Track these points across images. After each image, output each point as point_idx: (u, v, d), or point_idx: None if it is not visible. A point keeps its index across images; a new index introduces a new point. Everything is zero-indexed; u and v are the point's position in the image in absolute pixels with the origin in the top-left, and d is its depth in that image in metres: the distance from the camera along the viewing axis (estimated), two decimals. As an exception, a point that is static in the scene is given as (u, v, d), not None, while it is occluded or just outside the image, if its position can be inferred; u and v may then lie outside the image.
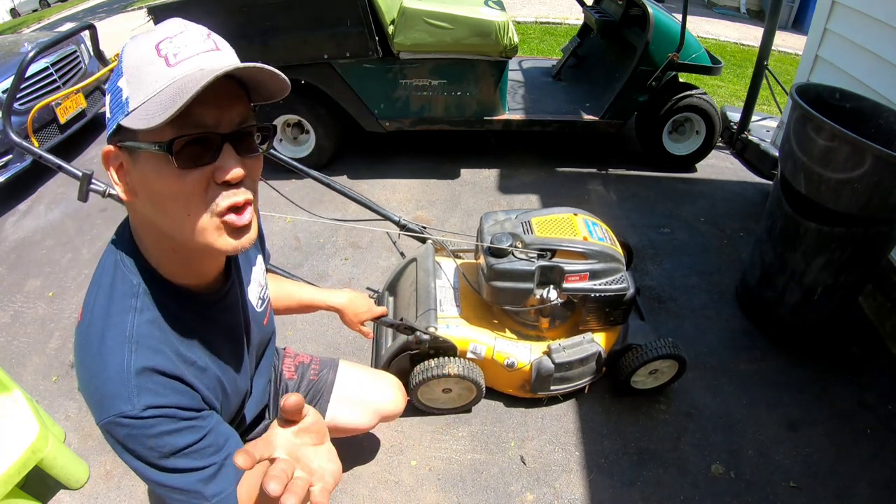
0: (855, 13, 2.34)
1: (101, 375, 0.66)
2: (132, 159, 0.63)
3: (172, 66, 0.60)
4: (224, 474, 0.72)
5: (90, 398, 0.67)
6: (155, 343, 0.68)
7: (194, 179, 0.62)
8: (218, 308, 0.80)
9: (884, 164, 1.49)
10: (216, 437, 0.72)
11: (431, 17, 2.52)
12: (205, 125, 0.61)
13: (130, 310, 0.68)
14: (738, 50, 5.65)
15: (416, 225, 1.82)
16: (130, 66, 0.61)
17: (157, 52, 0.60)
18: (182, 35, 0.62)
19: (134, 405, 0.64)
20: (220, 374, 0.80)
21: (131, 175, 0.64)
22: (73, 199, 3.00)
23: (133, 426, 0.65)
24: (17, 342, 2.12)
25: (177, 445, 0.67)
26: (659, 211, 2.79)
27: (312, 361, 1.35)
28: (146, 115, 0.58)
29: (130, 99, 0.60)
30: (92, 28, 1.77)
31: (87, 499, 1.57)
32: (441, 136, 3.29)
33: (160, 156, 0.60)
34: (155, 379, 0.67)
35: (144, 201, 0.65)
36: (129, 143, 0.62)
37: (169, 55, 0.60)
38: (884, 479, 1.60)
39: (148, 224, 0.69)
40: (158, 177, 0.62)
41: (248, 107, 0.67)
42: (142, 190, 0.64)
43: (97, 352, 0.67)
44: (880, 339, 2.07)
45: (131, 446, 0.66)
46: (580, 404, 1.80)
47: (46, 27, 8.08)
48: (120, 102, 0.62)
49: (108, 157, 0.65)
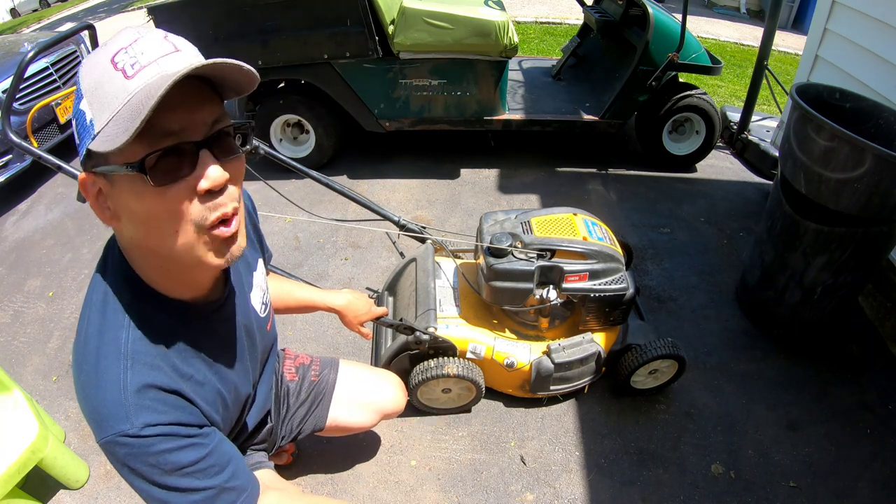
0: (855, 13, 2.34)
1: (99, 395, 0.64)
2: (109, 183, 0.60)
3: (131, 77, 0.56)
4: (225, 497, 0.71)
5: (89, 418, 0.66)
6: (150, 359, 0.67)
7: (175, 195, 0.58)
8: (216, 318, 0.79)
9: (884, 164, 1.49)
10: (219, 457, 0.72)
11: (431, 16, 2.52)
12: (175, 134, 0.58)
13: (123, 326, 0.66)
14: (738, 50, 5.65)
15: (415, 225, 1.82)
16: (89, 86, 0.58)
17: (113, 67, 0.56)
18: (137, 43, 0.58)
19: (133, 424, 0.63)
20: (221, 387, 0.78)
21: (111, 199, 0.61)
22: (73, 199, 3.00)
23: (133, 445, 0.63)
24: (17, 342, 2.12)
25: (179, 463, 0.66)
26: (659, 211, 2.79)
27: (313, 362, 1.35)
28: (111, 136, 0.54)
29: (95, 121, 0.57)
30: (91, 28, 1.77)
31: (87, 499, 1.57)
32: (441, 136, 3.29)
33: (135, 176, 0.57)
34: (153, 395, 0.65)
35: (128, 225, 0.63)
36: (101, 168, 0.58)
37: (126, 67, 0.56)
38: (884, 479, 1.60)
39: (136, 245, 0.67)
40: (137, 198, 0.58)
41: (219, 106, 0.63)
42: (123, 213, 0.62)
43: (93, 370, 0.65)
44: (880, 339, 2.07)
45: (133, 465, 0.65)
46: (580, 404, 1.80)
47: (46, 27, 8.08)
48: (85, 126, 0.58)
49: (84, 185, 0.61)
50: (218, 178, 0.60)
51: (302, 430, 1.27)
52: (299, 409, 1.27)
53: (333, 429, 1.32)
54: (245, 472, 0.76)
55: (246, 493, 0.75)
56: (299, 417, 1.27)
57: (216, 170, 0.60)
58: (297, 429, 1.27)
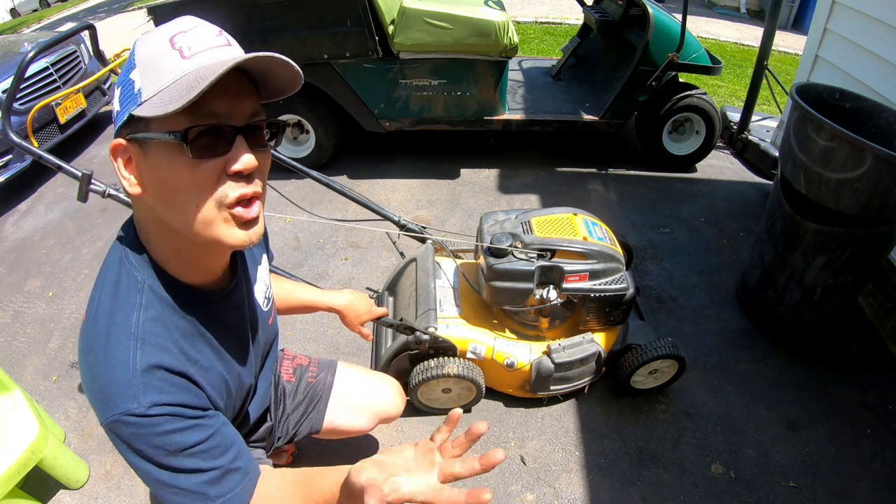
0: (855, 13, 2.34)
1: (106, 374, 0.65)
2: (142, 151, 0.63)
3: (187, 58, 0.60)
4: (230, 478, 0.71)
5: (94, 397, 0.66)
6: (160, 341, 0.68)
7: (207, 170, 0.62)
8: (224, 306, 0.80)
9: (884, 164, 1.49)
10: (223, 439, 0.72)
11: (431, 16, 2.52)
12: (218, 115, 0.62)
13: (135, 306, 0.67)
14: (738, 50, 5.65)
15: (415, 225, 1.82)
16: (144, 57, 0.62)
17: (171, 45, 0.61)
18: (195, 30, 0.62)
19: (140, 403, 0.63)
20: (225, 373, 0.79)
21: (140, 168, 0.64)
22: (73, 199, 3.00)
23: (139, 424, 0.64)
24: (17, 342, 2.12)
25: (184, 443, 0.67)
26: (659, 211, 2.79)
27: (311, 363, 1.35)
28: (161, 103, 0.58)
29: (143, 90, 0.60)
30: (92, 28, 1.77)
31: (87, 499, 1.57)
32: (441, 136, 3.29)
33: (173, 145, 0.60)
34: (161, 376, 0.66)
35: (153, 195, 0.65)
36: (140, 134, 0.62)
37: (183, 48, 0.60)
38: (884, 479, 1.60)
39: (155, 220, 0.68)
40: (170, 167, 0.62)
41: (258, 102, 0.67)
42: (151, 182, 0.64)
43: (102, 349, 0.66)
44: (880, 339, 2.07)
45: (137, 446, 0.65)
46: (580, 404, 1.80)
47: (46, 27, 8.08)
48: (132, 94, 0.61)
49: (116, 150, 0.65)
50: (249, 163, 0.64)
51: (298, 432, 1.27)
52: (296, 411, 1.27)
53: (330, 431, 1.32)
54: (247, 455, 0.77)
55: (249, 476, 0.75)
56: (296, 419, 1.26)
57: (248, 156, 0.64)
58: (294, 430, 1.26)
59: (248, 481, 0.75)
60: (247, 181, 0.65)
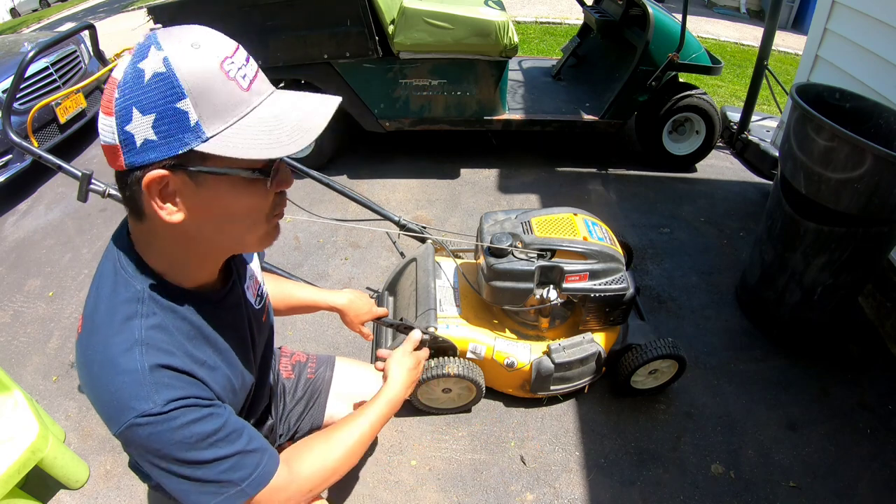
0: (855, 13, 2.34)
1: (115, 382, 0.64)
2: (194, 182, 0.61)
3: (246, 89, 0.61)
4: (249, 459, 0.73)
5: (104, 408, 0.66)
6: (165, 345, 0.68)
7: (273, 194, 0.68)
8: (222, 306, 0.81)
9: (884, 164, 1.49)
10: (235, 424, 0.73)
11: (431, 16, 2.52)
12: None
13: (136, 315, 0.67)
14: (738, 50, 5.65)
15: (415, 225, 1.82)
16: (195, 87, 0.57)
17: (225, 75, 0.59)
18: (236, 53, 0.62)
19: (155, 402, 0.64)
20: (230, 373, 0.80)
21: (186, 197, 0.62)
22: (73, 199, 3.00)
23: (156, 423, 0.64)
24: (17, 342, 2.12)
25: (203, 432, 0.67)
26: (659, 211, 2.79)
27: (309, 360, 1.35)
28: (242, 144, 0.60)
29: (202, 123, 0.58)
30: (92, 28, 1.77)
31: (87, 499, 1.57)
32: (441, 135, 3.29)
33: (248, 179, 0.64)
34: (169, 374, 0.67)
35: (201, 220, 0.65)
36: (201, 167, 0.60)
37: (238, 78, 0.60)
38: (884, 479, 1.60)
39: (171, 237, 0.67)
40: (237, 196, 0.65)
41: None
42: (203, 210, 0.64)
43: (105, 360, 0.66)
44: (880, 339, 2.07)
45: (156, 446, 0.65)
46: (580, 404, 1.80)
47: (46, 27, 8.08)
48: (186, 126, 0.58)
49: (154, 182, 0.60)
50: (291, 181, 0.70)
51: (300, 429, 1.27)
52: (296, 407, 1.27)
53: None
54: (259, 436, 0.78)
55: (268, 453, 0.76)
56: (296, 415, 1.27)
57: (290, 174, 0.70)
58: (295, 426, 1.27)
59: (269, 458, 0.76)
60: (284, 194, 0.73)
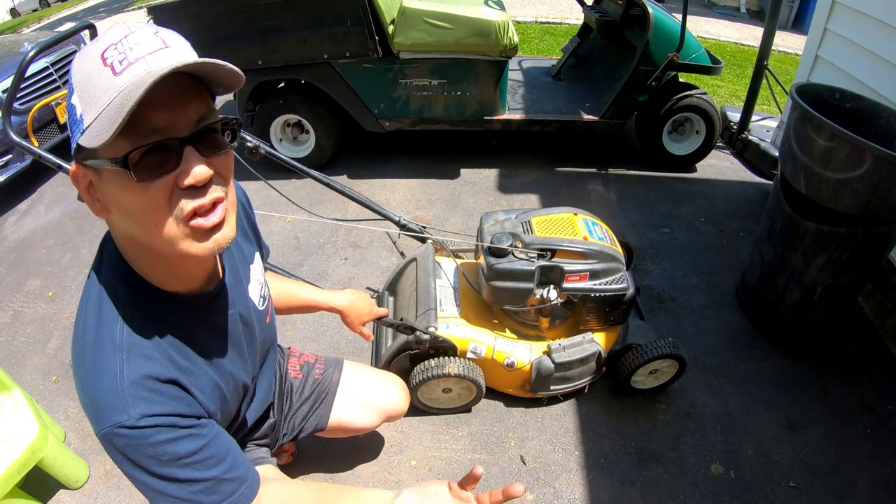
0: (855, 13, 2.34)
1: (96, 387, 0.65)
2: (98, 176, 0.61)
3: (119, 74, 0.56)
4: (224, 487, 0.72)
5: (87, 409, 0.67)
6: (146, 350, 0.68)
7: (157, 190, 0.60)
8: (209, 310, 0.80)
9: (884, 164, 1.49)
10: (217, 448, 0.72)
11: (431, 16, 2.52)
12: (160, 130, 0.59)
13: (117, 319, 0.68)
14: (738, 50, 5.65)
15: (415, 225, 1.82)
16: (80, 81, 0.58)
17: (102, 63, 0.57)
18: (127, 39, 0.58)
19: (130, 415, 0.64)
20: (217, 378, 0.79)
21: (100, 192, 0.63)
22: (73, 199, 3.00)
23: (131, 436, 0.64)
24: (17, 342, 2.12)
25: (178, 453, 0.67)
26: (659, 211, 2.79)
27: (317, 361, 1.36)
28: (97, 132, 0.55)
29: (84, 116, 0.58)
30: (92, 28, 1.77)
31: (87, 499, 1.57)
32: (441, 136, 3.29)
33: (119, 171, 0.58)
34: (149, 386, 0.66)
35: (117, 216, 0.64)
36: (90, 161, 0.60)
37: (115, 63, 0.56)
38: (884, 479, 1.60)
39: (127, 236, 0.68)
40: (122, 192, 0.60)
41: (207, 102, 0.64)
42: (112, 205, 0.63)
43: (90, 363, 0.66)
44: (880, 339, 2.07)
45: (131, 456, 0.66)
46: (580, 404, 1.80)
47: (46, 27, 8.07)
48: (76, 120, 0.59)
49: (75, 177, 0.63)
50: (200, 175, 0.61)
51: (304, 429, 1.28)
52: (302, 407, 1.27)
53: (336, 429, 1.32)
54: (244, 464, 0.77)
55: (246, 484, 0.75)
56: (301, 415, 1.27)
57: (200, 168, 0.61)
58: (300, 427, 1.27)
59: (246, 489, 0.75)
60: (202, 191, 0.62)
